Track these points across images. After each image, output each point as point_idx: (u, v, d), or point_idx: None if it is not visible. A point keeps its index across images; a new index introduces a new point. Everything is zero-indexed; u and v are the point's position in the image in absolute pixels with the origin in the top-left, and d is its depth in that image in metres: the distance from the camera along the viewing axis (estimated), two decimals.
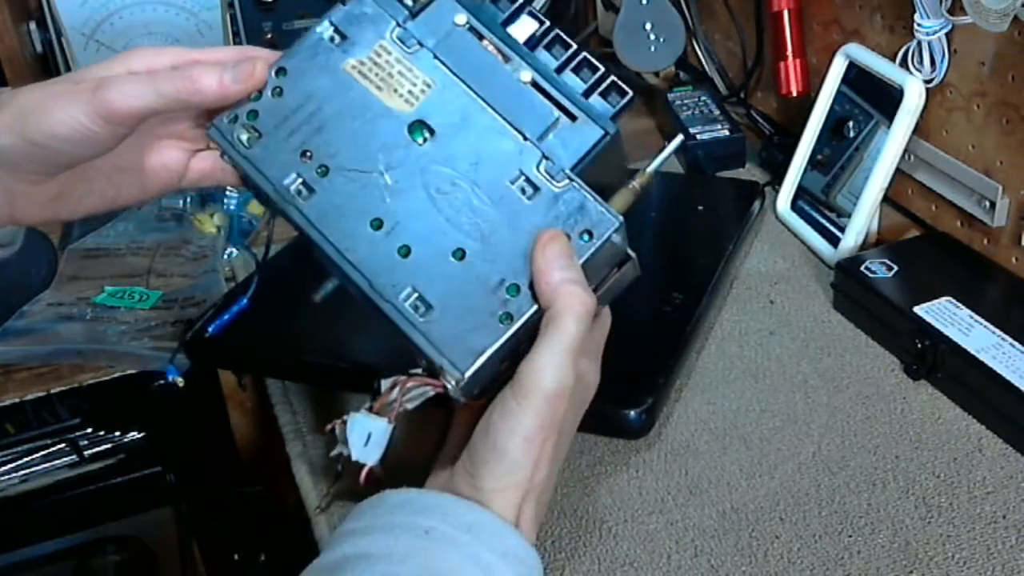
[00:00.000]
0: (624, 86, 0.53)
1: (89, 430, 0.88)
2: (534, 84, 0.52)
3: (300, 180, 0.53)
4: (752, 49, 1.05)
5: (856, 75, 0.87)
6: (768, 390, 0.71)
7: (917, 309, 0.71)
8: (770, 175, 0.98)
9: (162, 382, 0.81)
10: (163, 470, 0.91)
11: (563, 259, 0.49)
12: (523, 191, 0.51)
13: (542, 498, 0.50)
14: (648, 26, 1.06)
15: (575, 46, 0.53)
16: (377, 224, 0.51)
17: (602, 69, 0.53)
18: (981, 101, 0.77)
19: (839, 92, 0.88)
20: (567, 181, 0.50)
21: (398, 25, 0.54)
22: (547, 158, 0.51)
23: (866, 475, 0.63)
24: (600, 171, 0.52)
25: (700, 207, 0.92)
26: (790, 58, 0.96)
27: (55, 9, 1.04)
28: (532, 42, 0.54)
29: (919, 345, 0.69)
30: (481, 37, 0.54)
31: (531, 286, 0.49)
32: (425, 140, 0.52)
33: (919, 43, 0.79)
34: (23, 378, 0.80)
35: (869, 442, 0.66)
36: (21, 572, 0.92)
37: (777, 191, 0.93)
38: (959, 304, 0.71)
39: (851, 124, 0.86)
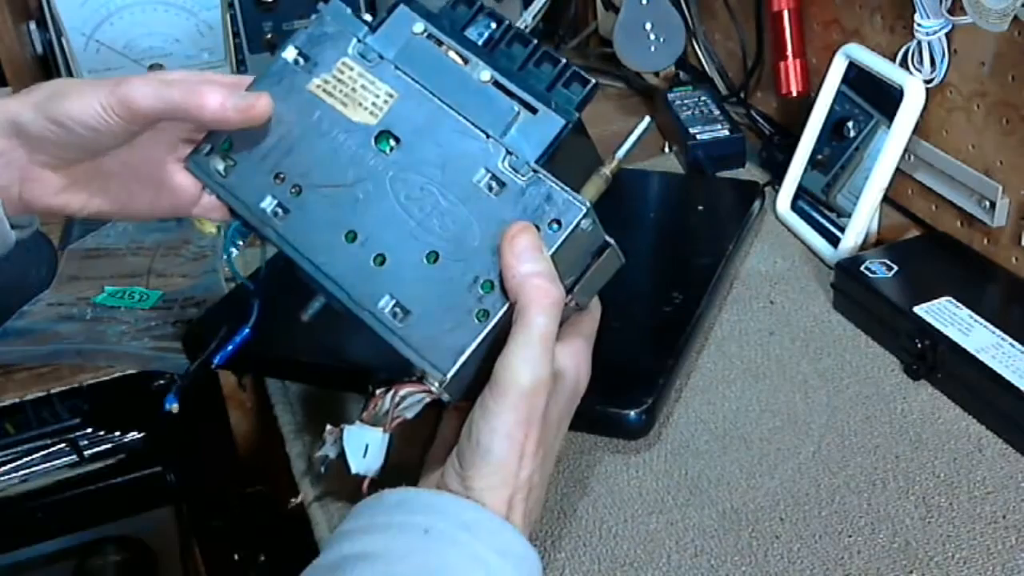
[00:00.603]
0: (586, 76, 0.53)
1: (89, 430, 0.88)
2: (494, 83, 0.53)
3: (275, 202, 0.54)
4: (752, 49, 1.04)
5: (856, 75, 0.87)
6: (768, 390, 0.71)
7: (917, 309, 0.71)
8: (770, 175, 0.98)
9: (162, 382, 0.81)
10: (163, 470, 0.91)
11: (529, 252, 0.49)
12: (490, 188, 0.51)
13: (533, 495, 0.50)
14: (648, 26, 1.06)
15: (534, 42, 0.54)
16: (352, 236, 0.52)
17: (562, 61, 0.54)
18: (981, 101, 0.77)
19: (839, 92, 0.88)
20: (532, 173, 0.51)
21: (359, 41, 0.55)
22: (511, 153, 0.51)
23: (866, 475, 0.63)
24: (571, 163, 0.53)
25: (700, 207, 0.92)
26: (790, 58, 0.96)
27: (55, 9, 1.04)
28: (492, 42, 0.54)
29: (919, 345, 0.69)
30: (440, 43, 0.55)
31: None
32: (392, 149, 0.53)
33: (919, 43, 0.79)
34: (23, 378, 0.80)
35: (869, 442, 0.66)
36: (21, 572, 0.92)
37: (777, 191, 0.93)
38: (959, 304, 0.71)
39: (851, 124, 0.86)
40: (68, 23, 1.05)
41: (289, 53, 0.56)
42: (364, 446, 0.53)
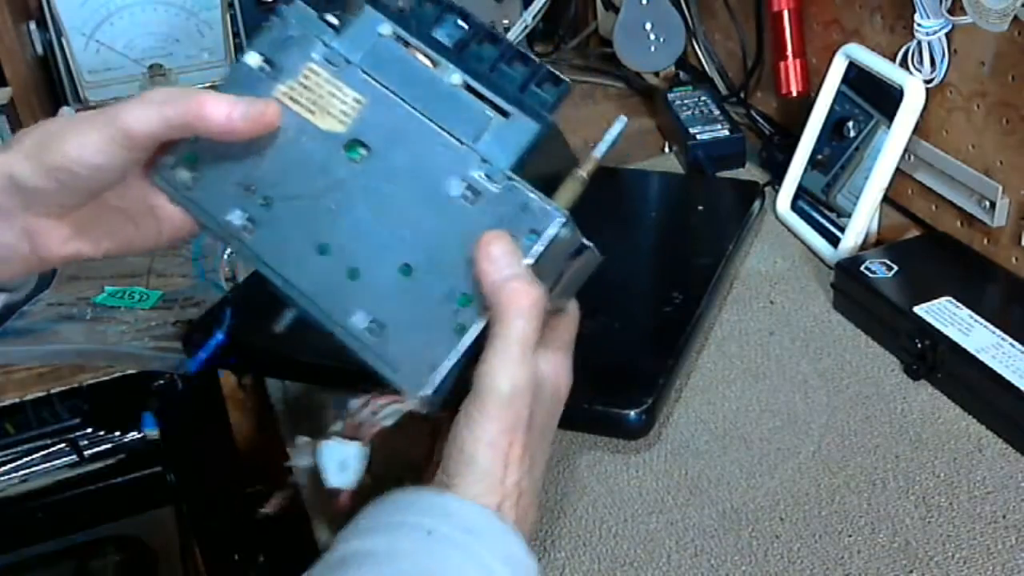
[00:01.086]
0: (559, 75, 0.51)
1: (89, 430, 0.88)
2: (465, 86, 0.51)
3: (245, 215, 0.52)
4: (752, 49, 1.04)
5: (856, 75, 0.87)
6: (768, 390, 0.71)
7: (917, 309, 0.71)
8: (770, 175, 0.98)
9: (162, 382, 0.82)
10: (163, 470, 0.91)
11: (505, 257, 0.47)
12: (464, 197, 0.49)
13: (523, 500, 0.49)
14: (648, 26, 1.06)
15: (505, 41, 0.52)
16: (323, 249, 0.51)
17: (535, 60, 0.51)
18: (981, 101, 0.77)
19: (839, 92, 0.88)
20: (507, 181, 0.49)
21: (324, 45, 0.52)
22: (485, 160, 0.49)
23: (866, 475, 0.63)
24: (545, 163, 0.51)
25: (700, 207, 0.92)
26: (790, 58, 0.96)
27: (55, 9, 1.05)
28: (462, 43, 0.52)
29: (919, 345, 0.69)
30: (408, 45, 0.52)
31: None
32: (362, 158, 0.51)
33: (919, 43, 0.79)
34: (23, 378, 0.80)
35: (869, 442, 0.66)
36: (21, 572, 0.93)
37: (777, 191, 0.93)
38: (959, 304, 0.71)
39: (851, 124, 0.86)
40: (68, 23, 1.05)
41: (252, 59, 0.52)
42: (341, 460, 0.52)
